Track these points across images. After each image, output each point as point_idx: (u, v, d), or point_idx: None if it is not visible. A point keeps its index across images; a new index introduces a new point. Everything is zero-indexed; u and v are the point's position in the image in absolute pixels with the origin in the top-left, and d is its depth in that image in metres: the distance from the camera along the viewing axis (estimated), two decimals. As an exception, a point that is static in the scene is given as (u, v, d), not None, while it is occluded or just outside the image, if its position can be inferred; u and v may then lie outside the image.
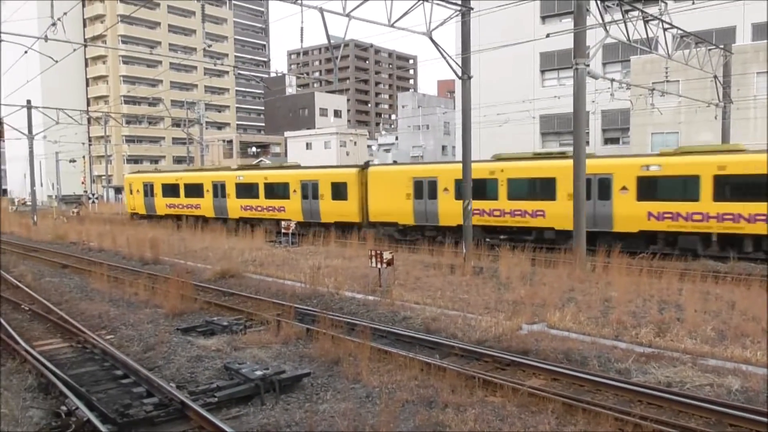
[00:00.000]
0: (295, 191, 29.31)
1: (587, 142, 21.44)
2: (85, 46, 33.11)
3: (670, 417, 6.85)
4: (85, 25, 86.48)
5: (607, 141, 46.44)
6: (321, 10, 16.11)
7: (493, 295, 13.44)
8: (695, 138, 33.71)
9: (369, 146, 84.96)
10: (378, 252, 14.36)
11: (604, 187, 20.56)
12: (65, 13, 18.01)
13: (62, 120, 37.64)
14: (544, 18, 47.98)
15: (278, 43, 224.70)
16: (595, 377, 8.00)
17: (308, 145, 71.42)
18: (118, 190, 73.84)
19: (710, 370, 8.19)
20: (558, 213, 21.26)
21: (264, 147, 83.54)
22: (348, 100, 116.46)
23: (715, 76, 26.64)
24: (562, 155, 22.75)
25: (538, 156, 23.75)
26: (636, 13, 19.70)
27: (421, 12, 17.16)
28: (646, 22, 20.13)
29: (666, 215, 19.19)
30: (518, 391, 7.46)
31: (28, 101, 40.73)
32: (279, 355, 9.48)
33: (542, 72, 48.56)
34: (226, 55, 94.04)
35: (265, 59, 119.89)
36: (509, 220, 22.70)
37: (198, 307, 13.05)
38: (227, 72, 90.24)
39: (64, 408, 7.13)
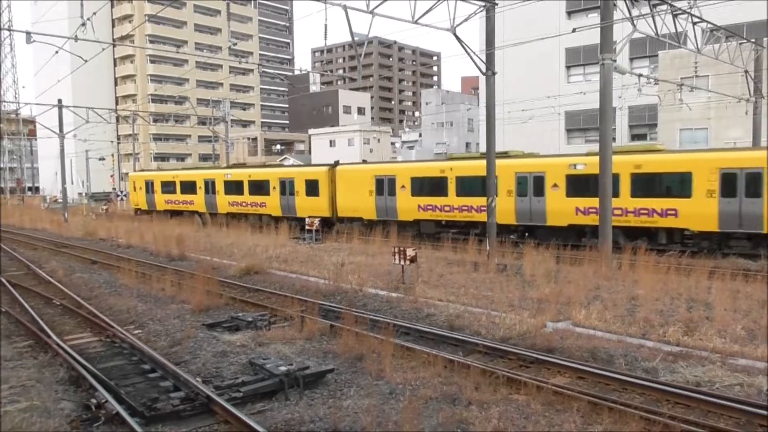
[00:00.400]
0: (274, 188, 31.38)
1: (614, 139, 21.19)
2: (114, 45, 33.81)
3: (698, 417, 6.74)
4: (113, 25, 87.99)
5: (634, 137, 45.73)
6: (345, 8, 16.14)
7: (518, 292, 13.35)
8: (725, 134, 33.01)
9: (393, 143, 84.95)
10: (401, 249, 14.37)
11: (538, 184, 22.10)
12: (94, 13, 18.34)
13: (92, 119, 38.41)
14: (569, 13, 47.43)
15: (302, 40, 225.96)
16: (622, 376, 7.89)
17: (332, 143, 71.70)
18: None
19: (740, 370, 8.04)
20: (500, 208, 22.45)
21: (288, 144, 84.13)
22: (372, 97, 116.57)
23: (746, 71, 26.04)
24: (502, 154, 23.96)
25: (483, 156, 24.27)
26: (664, 6, 19.36)
27: (445, 8, 17.06)
28: (674, 16, 19.76)
29: (591, 210, 20.38)
30: (543, 389, 7.40)
31: (59, 100, 41.59)
32: (303, 351, 9.54)
33: (567, 68, 48.00)
34: (251, 53, 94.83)
35: (290, 57, 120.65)
36: (458, 215, 24.31)
37: (223, 303, 13.20)
38: (252, 70, 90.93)
39: (93, 401, 7.28)
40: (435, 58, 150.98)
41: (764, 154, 18.32)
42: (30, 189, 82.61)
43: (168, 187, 39.04)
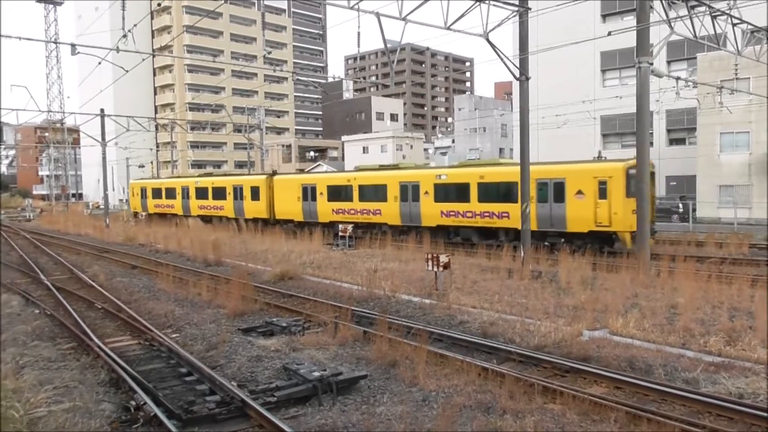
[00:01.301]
0: (230, 193, 36.90)
1: (651, 143, 21.05)
2: (154, 56, 35.03)
3: (741, 430, 6.54)
4: (153, 36, 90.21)
5: (672, 142, 44.72)
6: (378, 15, 16.25)
7: (552, 299, 13.17)
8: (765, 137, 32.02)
9: (425, 149, 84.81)
10: (435, 255, 14.33)
11: (415, 192, 26.11)
12: (135, 25, 18.83)
13: (132, 127, 39.53)
14: (604, 16, 46.75)
15: (335, 48, 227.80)
16: (661, 386, 7.71)
17: (365, 149, 71.98)
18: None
19: (786, 382, 7.77)
20: (389, 212, 27.29)
21: (322, 151, 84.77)
22: (404, 103, 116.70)
23: (791, 72, 25.24)
24: (394, 166, 29.94)
25: (382, 167, 30.64)
26: (702, 8, 18.92)
27: (478, 14, 17.03)
28: (713, 17, 19.29)
29: (451, 213, 24.65)
30: (579, 399, 7.28)
31: (102, 110, 42.80)
32: (336, 357, 9.59)
33: (603, 72, 47.29)
34: (285, 61, 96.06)
35: (323, 65, 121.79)
36: (360, 218, 28.73)
37: (258, 308, 13.37)
38: (286, 78, 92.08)
39: (133, 403, 7.47)
40: (468, 63, 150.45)
41: (567, 168, 21.89)
42: (74, 195, 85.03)
43: (156, 193, 45.12)
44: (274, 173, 35.51)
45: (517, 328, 10.68)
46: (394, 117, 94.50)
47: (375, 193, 28.02)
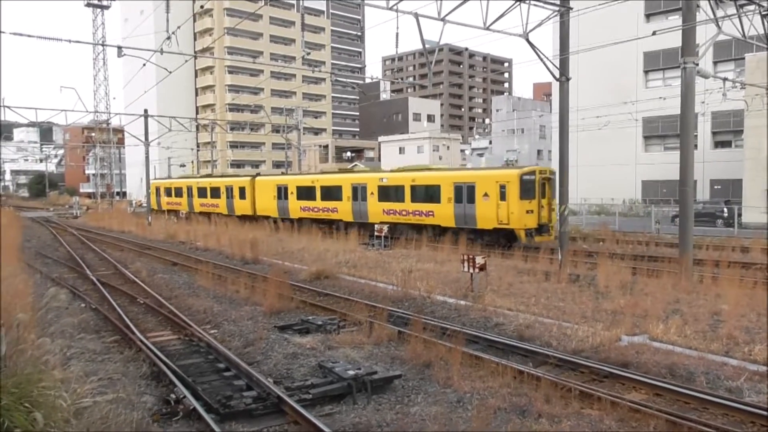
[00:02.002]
0: (223, 193, 41.43)
1: (695, 146, 20.51)
2: (195, 57, 36.03)
3: (788, 442, 6.33)
4: (195, 39, 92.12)
5: (718, 144, 43.45)
6: (416, 15, 16.28)
7: (591, 303, 12.96)
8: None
9: (462, 150, 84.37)
10: (470, 256, 14.26)
11: (363, 192, 29.54)
12: (179, 27, 19.31)
13: (174, 127, 40.53)
14: (648, 16, 45.74)
15: (373, 49, 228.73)
16: (703, 394, 7.52)
17: (401, 150, 72.04)
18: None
19: (836, 394, 7.48)
20: (344, 210, 30.81)
21: (358, 152, 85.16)
22: (441, 104, 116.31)
23: None
24: (349, 170, 34.72)
25: (341, 171, 35.26)
26: (752, 7, 18.34)
27: (517, 13, 16.89)
28: (763, 16, 18.67)
29: (391, 211, 27.95)
30: (617, 405, 7.16)
31: (145, 110, 43.94)
32: (371, 356, 9.64)
33: (646, 72, 46.27)
34: (323, 62, 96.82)
35: (361, 66, 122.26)
36: (321, 214, 32.40)
37: (294, 306, 13.53)
38: (324, 79, 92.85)
39: (173, 396, 7.66)
40: (506, 64, 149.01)
41: (477, 174, 25.36)
42: (118, 194, 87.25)
43: (168, 191, 50.70)
44: (257, 175, 39.71)
45: (553, 332, 10.56)
46: (431, 118, 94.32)
47: (333, 193, 31.59)
